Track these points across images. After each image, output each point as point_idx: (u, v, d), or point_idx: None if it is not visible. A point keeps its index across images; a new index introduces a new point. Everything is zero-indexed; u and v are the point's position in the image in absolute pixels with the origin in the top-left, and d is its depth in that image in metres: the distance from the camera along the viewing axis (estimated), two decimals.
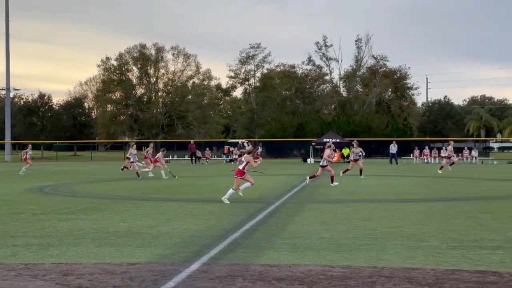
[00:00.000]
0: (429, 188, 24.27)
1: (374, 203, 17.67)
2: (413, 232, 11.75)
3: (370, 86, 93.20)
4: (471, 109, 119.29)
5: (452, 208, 16.12)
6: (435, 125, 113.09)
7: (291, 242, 10.55)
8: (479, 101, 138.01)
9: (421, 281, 7.50)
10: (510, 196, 20.13)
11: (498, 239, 10.79)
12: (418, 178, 31.35)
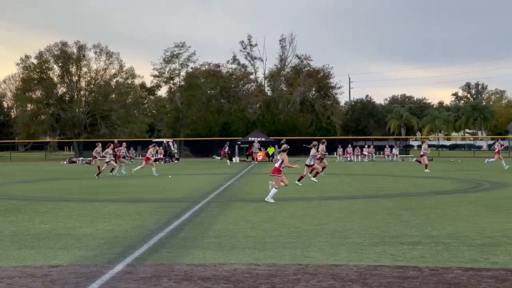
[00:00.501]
0: (352, 185, 24.73)
1: (299, 201, 17.86)
2: (337, 229, 11.94)
3: (295, 85, 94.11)
4: (392, 108, 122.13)
5: (374, 205, 16.48)
6: (358, 123, 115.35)
7: (217, 241, 10.54)
8: (400, 100, 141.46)
9: (345, 277, 7.63)
10: (429, 192, 20.74)
11: (418, 235, 11.09)
12: (341, 176, 31.88)
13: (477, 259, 8.82)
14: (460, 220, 13.18)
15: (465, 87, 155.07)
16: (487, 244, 10.04)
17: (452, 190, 21.84)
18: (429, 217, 13.69)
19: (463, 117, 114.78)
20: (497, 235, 11.03)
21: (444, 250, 9.51)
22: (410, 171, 36.43)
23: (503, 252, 9.30)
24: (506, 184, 23.90)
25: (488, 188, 22.25)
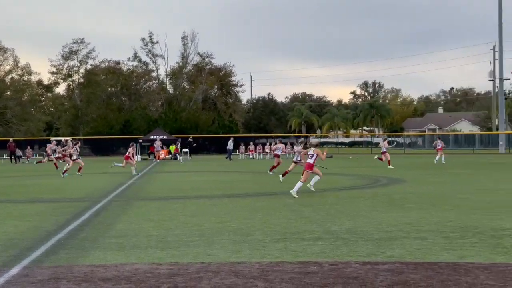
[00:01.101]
0: (255, 183, 24.94)
1: (202, 199, 17.84)
2: (239, 226, 12.01)
3: (197, 83, 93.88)
4: (293, 106, 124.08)
5: (276, 202, 16.68)
6: (260, 121, 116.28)
7: (118, 241, 10.38)
8: (300, 99, 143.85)
9: (247, 275, 7.68)
10: (329, 189, 21.20)
11: (318, 231, 11.32)
12: (244, 174, 32.09)
13: (374, 253, 9.10)
14: (358, 215, 13.56)
15: (363, 86, 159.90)
16: (383, 238, 10.37)
17: (351, 186, 22.44)
18: (329, 213, 14.00)
19: (361, 115, 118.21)
20: (393, 229, 11.42)
21: (343, 245, 9.75)
22: None
23: (398, 246, 9.63)
24: (401, 180, 24.77)
25: (385, 184, 22.99)
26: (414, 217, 13.15)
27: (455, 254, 8.94)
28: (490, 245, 9.66)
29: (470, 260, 8.49)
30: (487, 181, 23.68)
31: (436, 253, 9.00)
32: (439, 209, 14.60)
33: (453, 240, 10.15)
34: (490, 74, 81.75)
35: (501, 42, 73.63)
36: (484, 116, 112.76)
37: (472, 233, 10.83)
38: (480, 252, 9.08)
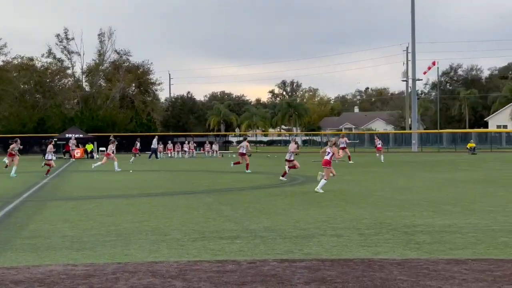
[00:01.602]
0: (173, 182, 24.78)
1: (119, 199, 17.58)
2: (157, 226, 11.89)
3: (114, 81, 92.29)
4: (212, 104, 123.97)
5: (195, 201, 16.63)
6: (178, 120, 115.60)
7: (31, 242, 10.08)
8: (219, 97, 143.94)
9: (165, 274, 7.61)
10: (248, 187, 21.31)
11: (236, 229, 11.35)
12: (162, 172, 31.82)
13: (292, 250, 9.19)
14: (276, 213, 13.68)
15: (281, 85, 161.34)
16: (301, 236, 10.50)
17: (270, 184, 22.61)
18: (248, 211, 14.06)
19: (279, 113, 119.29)
20: (310, 227, 11.58)
21: (262, 243, 9.81)
22: (229, 166, 37.12)
23: (315, 243, 9.77)
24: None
25: (302, 182, 23.29)
26: (331, 214, 13.38)
27: (370, 250, 9.15)
28: (403, 241, 9.93)
29: (384, 256, 8.70)
30: (401, 179, 24.35)
31: (351, 250, 9.18)
32: (355, 206, 14.91)
33: (368, 237, 10.38)
34: (404, 74, 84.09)
35: (414, 44, 75.92)
36: (398, 115, 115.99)
37: (386, 229, 11.12)
38: (394, 248, 9.32)
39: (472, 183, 22.08)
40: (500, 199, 16.41)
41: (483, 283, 7.02)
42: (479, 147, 68.16)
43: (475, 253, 8.88)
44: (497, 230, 10.92)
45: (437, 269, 7.77)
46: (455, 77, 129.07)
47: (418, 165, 35.99)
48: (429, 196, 17.45)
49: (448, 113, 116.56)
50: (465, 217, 12.74)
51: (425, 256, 8.65)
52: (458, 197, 16.96)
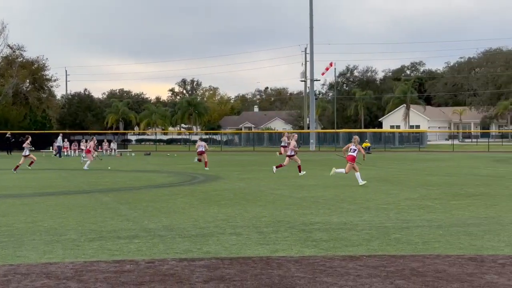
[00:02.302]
0: (69, 181, 24.16)
1: (11, 198, 16.96)
2: (52, 226, 11.56)
3: (6, 76, 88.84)
4: (110, 102, 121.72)
5: (92, 200, 16.27)
6: (75, 117, 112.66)
7: None
8: (118, 95, 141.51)
9: (59, 275, 7.40)
10: (147, 186, 21.07)
11: (135, 228, 11.20)
12: (58, 171, 30.95)
13: (191, 249, 9.16)
14: (176, 212, 13.60)
15: (181, 83, 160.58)
16: (200, 235, 10.48)
17: (169, 183, 22.45)
18: (147, 211, 13.90)
19: (179, 112, 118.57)
20: (209, 225, 11.58)
21: (160, 243, 9.72)
22: (128, 165, 36.62)
23: (214, 242, 9.78)
24: (218, 177, 25.20)
25: (201, 181, 23.26)
26: (230, 213, 13.44)
27: (268, 248, 9.25)
28: (301, 238, 10.10)
29: (282, 253, 8.82)
30: (299, 177, 24.75)
31: (250, 248, 9.25)
32: (254, 205, 15.04)
33: (267, 235, 10.49)
34: (302, 75, 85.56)
35: (312, 45, 77.39)
36: (297, 115, 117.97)
37: (284, 227, 11.27)
38: (292, 246, 9.46)
39: (367, 181, 22.75)
40: (393, 197, 17.00)
41: (377, 278, 7.25)
42: (373, 147, 70.31)
43: (369, 249, 9.15)
44: (390, 227, 11.30)
45: (333, 266, 7.95)
46: (351, 78, 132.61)
47: (315, 164, 36.73)
48: (326, 194, 17.85)
49: (345, 113, 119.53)
50: (360, 215, 13.12)
51: (322, 253, 8.83)
52: (354, 195, 17.43)
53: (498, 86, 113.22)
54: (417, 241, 9.86)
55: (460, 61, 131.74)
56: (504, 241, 9.80)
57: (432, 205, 14.90)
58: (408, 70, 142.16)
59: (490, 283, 7.04)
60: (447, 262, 8.19)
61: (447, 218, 12.57)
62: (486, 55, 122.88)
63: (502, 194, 17.57)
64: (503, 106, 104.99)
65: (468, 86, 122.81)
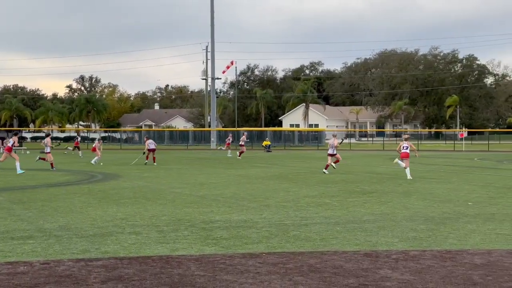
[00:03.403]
0: None
1: None
2: None
3: None
4: (4, 98, 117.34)
5: None
6: None
7: None
8: (12, 91, 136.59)
9: None
10: (43, 185, 20.44)
11: (29, 229, 10.83)
12: None
13: (88, 249, 8.95)
14: (73, 212, 13.26)
15: (79, 80, 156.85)
16: (98, 235, 10.26)
17: (66, 182, 21.87)
18: (42, 210, 13.48)
19: (77, 109, 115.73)
20: (108, 225, 11.36)
21: (56, 243, 9.44)
22: (23, 163, 35.35)
23: (113, 241, 9.60)
24: (117, 175, 24.79)
25: (100, 180, 22.81)
26: (129, 212, 13.24)
27: (168, 247, 9.17)
28: (201, 237, 10.08)
29: (182, 252, 8.77)
30: (200, 176, 24.72)
31: (150, 247, 9.14)
32: (154, 203, 14.89)
33: (167, 233, 10.40)
34: (203, 73, 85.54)
35: (213, 43, 77.50)
36: (198, 113, 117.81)
37: (184, 226, 11.22)
38: (192, 244, 9.43)
39: (267, 179, 23.01)
40: (293, 194, 17.27)
41: (276, 275, 7.33)
42: (274, 145, 71.22)
43: (269, 246, 9.25)
44: (289, 224, 11.46)
45: (233, 264, 7.98)
46: (252, 77, 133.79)
47: (216, 162, 36.78)
48: (227, 192, 17.91)
49: (246, 112, 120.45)
50: (260, 212, 13.24)
51: (222, 251, 8.85)
52: (254, 193, 17.58)
53: (393, 86, 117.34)
54: (316, 237, 10.06)
55: (357, 61, 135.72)
56: (398, 237, 10.16)
57: (330, 203, 15.24)
58: (307, 69, 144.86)
59: (384, 277, 7.27)
60: (343, 258, 8.39)
61: (344, 215, 12.90)
62: (382, 56, 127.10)
63: (395, 192, 18.20)
64: (397, 106, 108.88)
65: (365, 86, 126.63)
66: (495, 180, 23.03)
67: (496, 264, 8.06)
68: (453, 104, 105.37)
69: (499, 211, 13.65)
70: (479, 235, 10.37)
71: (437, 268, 7.82)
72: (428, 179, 23.26)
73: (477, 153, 56.84)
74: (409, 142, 24.28)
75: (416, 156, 27.48)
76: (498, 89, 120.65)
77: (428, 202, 15.48)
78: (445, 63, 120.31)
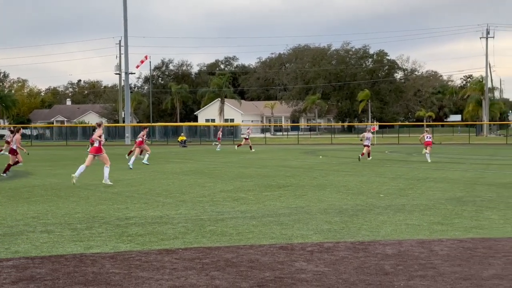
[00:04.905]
0: None
1: None
2: None
3: None
4: None
5: None
6: None
7: None
8: None
9: None
10: None
11: None
12: None
13: None
14: None
15: None
16: (8, 234, 9.94)
17: None
18: None
19: None
20: (18, 224, 11.02)
21: None
22: None
23: (24, 241, 9.33)
24: (27, 173, 24.10)
25: (9, 177, 22.09)
26: (41, 210, 12.90)
27: (82, 245, 8.98)
28: (116, 234, 9.93)
29: (96, 250, 8.61)
30: (114, 172, 24.31)
31: (63, 246, 8.93)
32: (67, 201, 14.56)
33: (81, 231, 10.19)
34: (117, 68, 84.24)
35: (126, 38, 76.42)
36: (112, 108, 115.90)
37: (99, 223, 11.02)
38: (107, 241, 9.27)
39: (183, 174, 22.91)
40: (209, 189, 17.27)
41: (192, 271, 7.31)
42: (189, 140, 70.98)
43: (185, 242, 9.21)
44: (205, 220, 11.45)
45: (149, 260, 7.90)
46: (166, 72, 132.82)
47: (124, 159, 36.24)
48: (142, 188, 17.73)
49: (161, 107, 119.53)
50: (176, 208, 13.17)
51: (138, 248, 8.75)
52: (170, 189, 17.48)
53: (307, 81, 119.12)
54: (232, 232, 10.09)
55: (271, 56, 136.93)
56: (313, 229, 10.32)
57: (246, 197, 15.33)
58: (222, 64, 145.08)
59: (299, 270, 7.38)
60: (259, 252, 8.46)
61: (260, 209, 13.00)
62: (295, 51, 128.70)
63: (310, 185, 18.50)
64: (311, 101, 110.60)
65: (279, 81, 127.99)
66: (404, 172, 23.77)
67: (407, 254, 8.33)
68: (365, 98, 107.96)
69: (408, 202, 14.10)
70: (390, 226, 10.68)
71: (351, 259, 8.00)
72: (342, 172, 23.76)
73: (388, 146, 58.52)
74: (430, 133, 31.52)
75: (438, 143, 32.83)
76: (407, 84, 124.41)
77: (341, 194, 15.82)
78: (357, 58, 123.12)
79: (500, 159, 34.24)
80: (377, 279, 6.92)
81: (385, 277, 7.04)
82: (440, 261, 7.88)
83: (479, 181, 19.83)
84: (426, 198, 14.99)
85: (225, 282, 6.79)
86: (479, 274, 7.16)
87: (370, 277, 7.03)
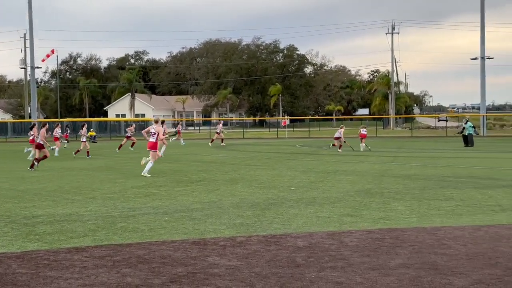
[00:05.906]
0: None
1: None
2: None
3: None
4: None
5: None
6: None
7: None
8: None
9: None
10: None
11: None
12: None
13: None
14: None
15: None
16: None
17: None
18: None
19: None
20: None
21: None
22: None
23: None
24: None
25: None
26: None
27: None
28: (23, 233, 9.63)
29: (2, 250, 8.33)
30: (21, 169, 23.60)
31: None
32: None
33: None
34: (22, 62, 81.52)
35: (32, 31, 74.13)
36: (17, 104, 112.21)
37: (4, 222, 10.66)
38: (13, 241, 8.98)
39: (93, 170, 22.47)
40: (120, 185, 17.01)
41: (103, 268, 7.18)
42: (99, 136, 69.64)
43: (96, 240, 9.04)
44: (116, 216, 11.27)
45: (57, 259, 7.71)
46: (75, 66, 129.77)
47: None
48: (50, 185, 17.26)
49: (69, 102, 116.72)
50: (86, 205, 12.91)
51: (46, 247, 8.51)
52: (79, 185, 17.10)
53: (218, 76, 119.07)
54: (144, 228, 9.98)
55: (182, 51, 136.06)
56: (225, 224, 10.34)
57: (157, 192, 15.19)
58: (132, 59, 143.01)
59: (212, 264, 7.38)
60: (172, 248, 8.40)
61: (172, 204, 12.91)
62: (207, 46, 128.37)
63: (222, 179, 18.53)
64: (222, 95, 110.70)
65: (190, 76, 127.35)
66: (315, 166, 24.18)
67: (318, 246, 8.47)
68: (276, 93, 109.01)
69: (319, 195, 14.36)
70: (302, 219, 10.84)
71: (263, 252, 8.07)
72: (253, 166, 23.93)
73: (298, 139, 59.37)
74: (364, 126, 36.94)
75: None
76: (316, 78, 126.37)
77: (253, 188, 15.92)
78: (268, 53, 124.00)
79: (406, 151, 35.37)
80: (289, 272, 7.01)
81: (296, 269, 7.14)
82: (349, 252, 8.06)
83: (387, 173, 20.43)
84: (336, 190, 15.30)
85: (137, 279, 6.71)
86: (387, 264, 7.38)
87: (282, 269, 7.12)
